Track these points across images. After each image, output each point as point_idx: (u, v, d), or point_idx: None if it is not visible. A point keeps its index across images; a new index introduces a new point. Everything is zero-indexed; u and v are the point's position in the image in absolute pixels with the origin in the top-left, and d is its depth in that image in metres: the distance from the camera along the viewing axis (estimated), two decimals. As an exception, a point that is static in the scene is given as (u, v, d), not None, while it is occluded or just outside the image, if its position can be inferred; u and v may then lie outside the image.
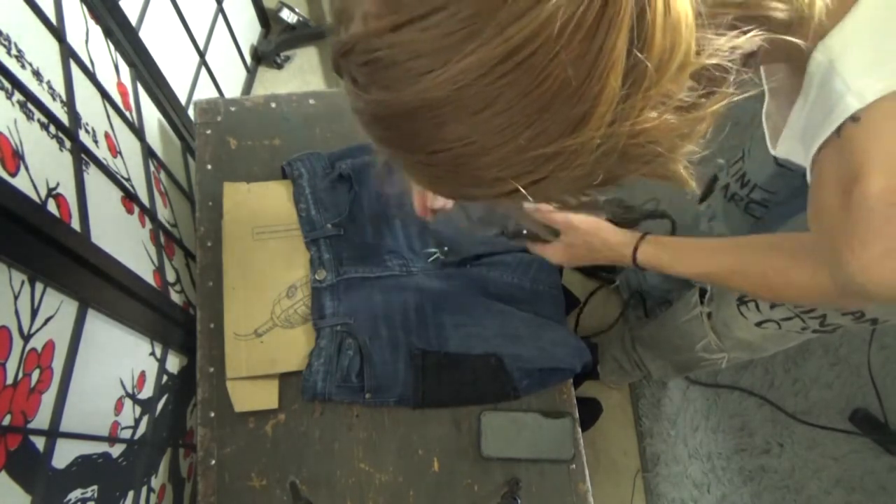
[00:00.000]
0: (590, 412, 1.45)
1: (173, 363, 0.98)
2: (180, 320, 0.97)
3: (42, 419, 0.62)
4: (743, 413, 1.50)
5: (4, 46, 0.64)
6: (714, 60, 0.32)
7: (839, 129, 0.41)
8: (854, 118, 0.40)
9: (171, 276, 1.01)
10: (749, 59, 0.35)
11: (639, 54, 0.30)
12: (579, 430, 0.87)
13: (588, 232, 0.78)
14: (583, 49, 0.29)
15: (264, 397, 0.87)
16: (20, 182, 0.61)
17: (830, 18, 0.40)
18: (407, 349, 0.88)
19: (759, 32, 0.34)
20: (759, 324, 0.89)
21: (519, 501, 0.81)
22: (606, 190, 0.39)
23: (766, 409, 1.50)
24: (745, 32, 0.33)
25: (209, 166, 0.99)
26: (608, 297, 1.61)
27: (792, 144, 0.51)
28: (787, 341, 0.96)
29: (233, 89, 1.67)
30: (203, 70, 1.43)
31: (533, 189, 0.36)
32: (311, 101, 1.03)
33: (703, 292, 1.03)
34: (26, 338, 0.60)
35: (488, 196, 0.38)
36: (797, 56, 0.42)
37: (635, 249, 0.75)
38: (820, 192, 0.46)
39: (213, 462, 0.85)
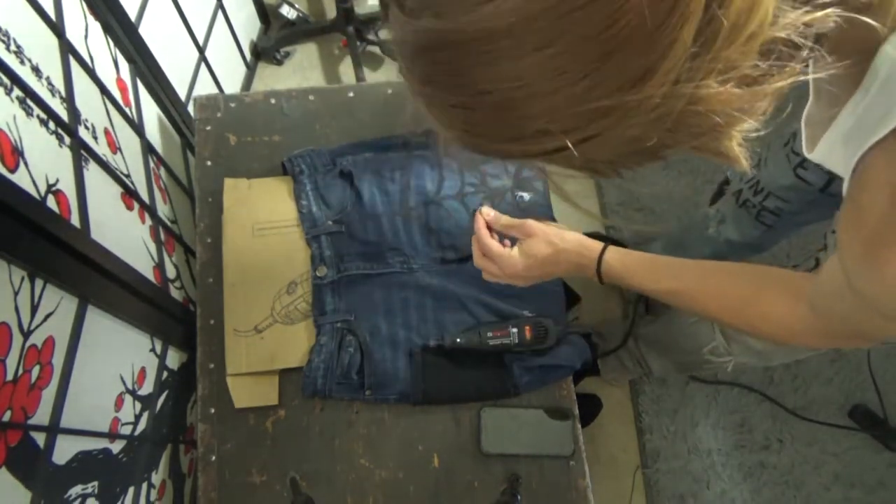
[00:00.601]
0: (590, 408, 1.45)
1: (173, 359, 0.98)
2: (180, 317, 0.97)
3: (42, 415, 0.62)
4: (742, 409, 1.51)
5: (3, 42, 0.64)
6: (786, 34, 0.31)
7: None
8: None
9: (171, 273, 1.01)
10: (819, 41, 0.33)
11: (717, 10, 0.28)
12: (579, 426, 0.87)
13: (550, 230, 0.74)
14: None
15: (264, 393, 0.87)
16: (19, 178, 0.61)
17: None
18: (407, 346, 0.88)
19: (837, 10, 0.31)
20: None
21: (519, 497, 0.81)
22: (648, 163, 0.37)
23: (766, 405, 1.51)
24: (822, 7, 0.31)
25: (209, 162, 0.99)
26: (608, 293, 1.61)
27: (833, 145, 0.49)
28: (795, 353, 0.95)
29: (232, 85, 1.67)
30: (203, 66, 1.42)
31: (578, 149, 0.33)
32: (311, 97, 1.03)
33: None
34: (26, 334, 0.60)
35: (527, 153, 0.35)
36: (866, 46, 0.40)
37: (602, 251, 0.72)
38: (863, 195, 0.43)
39: (214, 458, 0.86)
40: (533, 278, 0.77)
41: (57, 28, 0.77)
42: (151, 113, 1.09)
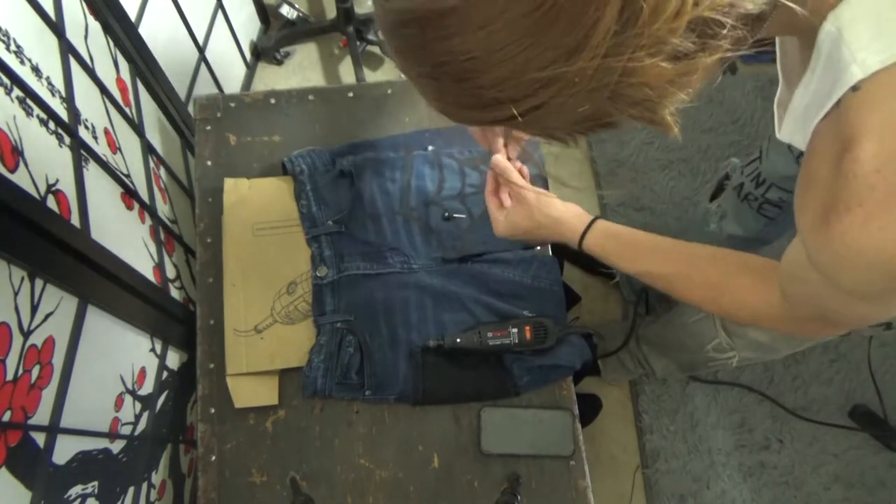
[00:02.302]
0: (590, 408, 1.45)
1: (173, 359, 0.98)
2: (180, 317, 0.97)
3: (42, 415, 0.62)
4: (743, 409, 1.51)
5: (3, 42, 0.64)
6: (711, 14, 0.33)
7: (839, 101, 0.41)
8: (854, 88, 0.39)
9: (171, 273, 1.01)
10: (756, 23, 0.36)
11: None
12: (579, 426, 0.87)
13: (536, 206, 0.78)
14: None
15: (264, 393, 0.87)
16: (19, 178, 0.61)
17: None
18: (407, 346, 0.88)
19: None
20: None
21: (519, 497, 0.81)
22: (599, 130, 0.41)
23: (766, 405, 1.51)
24: None
25: (209, 162, 0.99)
26: (608, 293, 1.61)
27: (795, 125, 0.50)
28: (799, 343, 0.95)
29: (232, 85, 1.67)
30: (203, 66, 1.42)
31: (529, 117, 0.38)
32: (311, 97, 1.03)
33: None
34: (26, 334, 0.60)
35: (487, 120, 0.40)
36: (807, 28, 0.42)
37: (584, 233, 0.75)
38: (812, 164, 0.45)
39: (214, 458, 0.86)
40: (514, 237, 0.83)
41: (57, 28, 0.77)
42: (151, 113, 1.09)
